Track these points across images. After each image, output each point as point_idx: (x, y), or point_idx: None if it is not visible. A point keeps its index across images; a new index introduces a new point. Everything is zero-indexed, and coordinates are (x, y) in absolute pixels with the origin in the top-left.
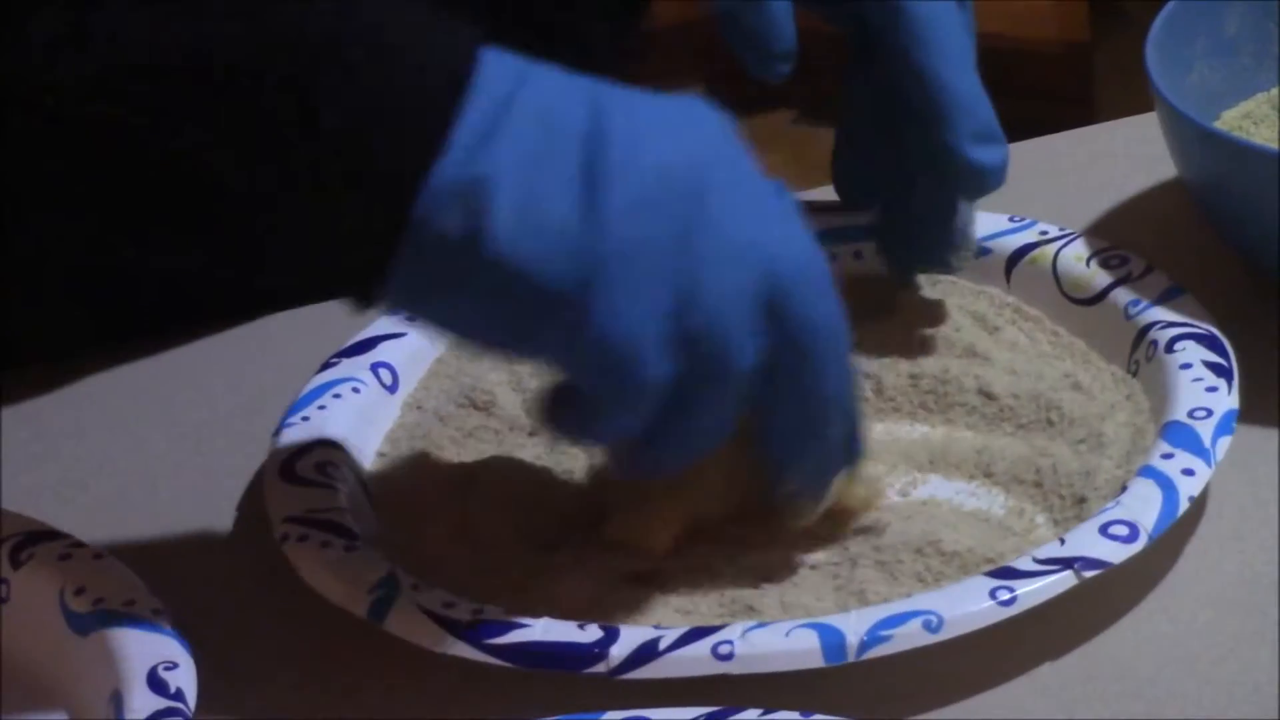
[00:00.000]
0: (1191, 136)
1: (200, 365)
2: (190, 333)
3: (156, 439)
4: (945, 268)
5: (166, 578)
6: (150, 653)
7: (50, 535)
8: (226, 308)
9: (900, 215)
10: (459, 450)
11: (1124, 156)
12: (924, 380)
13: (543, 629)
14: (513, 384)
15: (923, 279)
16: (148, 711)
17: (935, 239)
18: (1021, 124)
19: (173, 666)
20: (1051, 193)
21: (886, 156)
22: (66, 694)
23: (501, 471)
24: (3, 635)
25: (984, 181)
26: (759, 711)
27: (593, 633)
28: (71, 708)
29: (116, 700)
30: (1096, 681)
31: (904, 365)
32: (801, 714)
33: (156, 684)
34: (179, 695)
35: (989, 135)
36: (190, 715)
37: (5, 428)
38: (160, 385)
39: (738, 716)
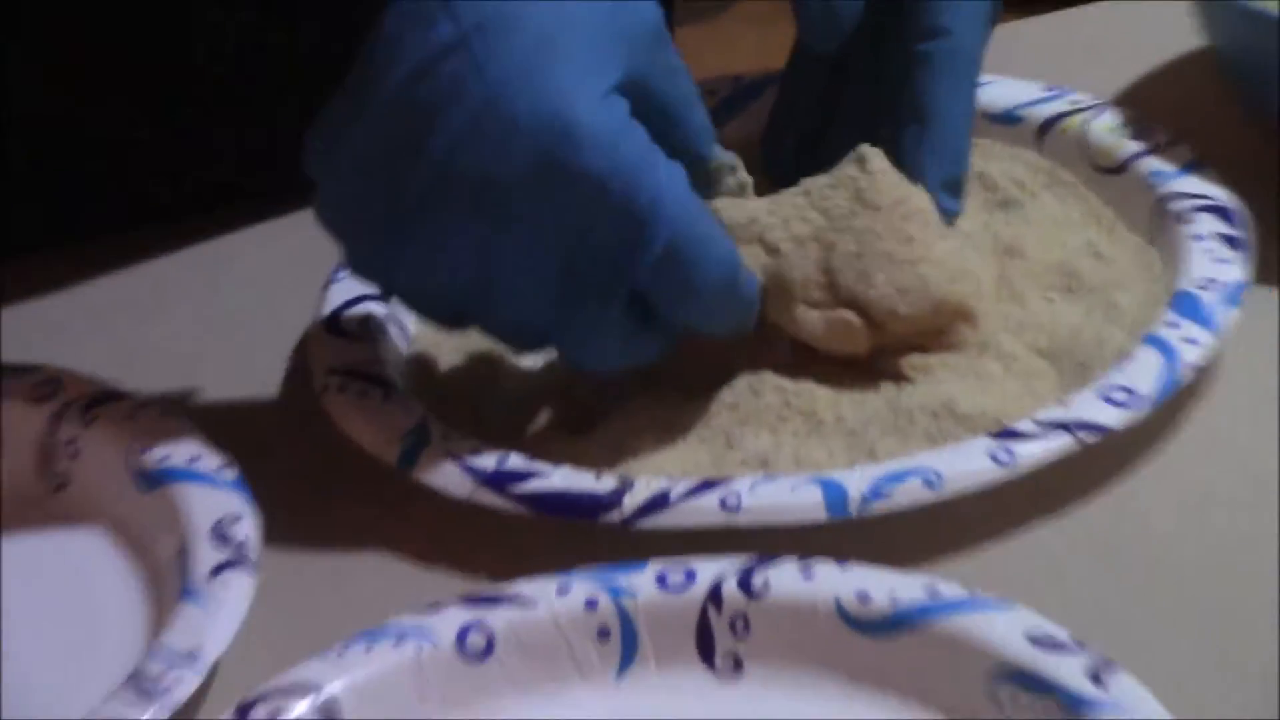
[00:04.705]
0: (1219, 6)
1: (258, 243)
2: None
3: (213, 309)
4: None
5: (227, 434)
6: (215, 507)
7: (118, 395)
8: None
9: None
10: None
11: (1154, 27)
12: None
13: (561, 477)
14: None
15: None
16: (212, 563)
17: None
18: None
19: (237, 519)
20: (1083, 62)
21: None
22: (135, 548)
23: None
24: (75, 492)
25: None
26: (796, 559)
27: (608, 482)
28: (139, 561)
29: (183, 553)
30: (1092, 542)
31: None
32: (838, 561)
33: (221, 537)
34: (242, 547)
35: (959, 188)
36: (253, 566)
37: (68, 301)
38: (220, 263)
39: (776, 564)
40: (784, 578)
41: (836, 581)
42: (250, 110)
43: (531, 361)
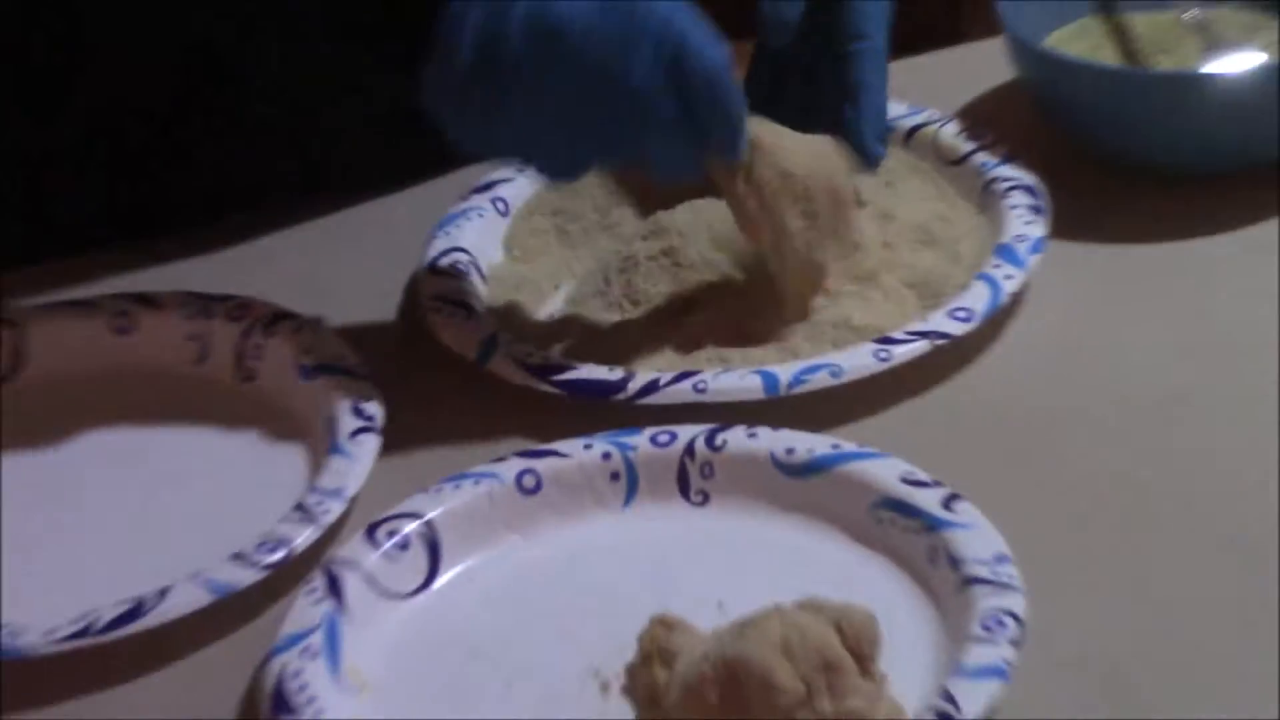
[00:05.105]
0: (1024, 50)
1: (383, 212)
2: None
3: (351, 258)
4: None
5: (362, 342)
6: (353, 390)
7: (289, 315)
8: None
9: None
10: (554, 250)
11: (981, 65)
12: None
13: (586, 371)
14: (596, 214)
15: None
16: (351, 428)
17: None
18: (917, 43)
19: (368, 399)
20: (934, 89)
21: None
22: (297, 418)
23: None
24: (259, 382)
25: (873, 164)
26: (744, 425)
27: (617, 374)
28: (301, 428)
29: (330, 422)
30: (943, 413)
31: None
32: (772, 427)
33: (357, 411)
34: (372, 418)
35: (885, 139)
36: (379, 430)
37: (257, 250)
38: (362, 227)
39: (731, 428)
40: (736, 438)
41: (771, 440)
42: (250, 110)
43: (564, 297)
